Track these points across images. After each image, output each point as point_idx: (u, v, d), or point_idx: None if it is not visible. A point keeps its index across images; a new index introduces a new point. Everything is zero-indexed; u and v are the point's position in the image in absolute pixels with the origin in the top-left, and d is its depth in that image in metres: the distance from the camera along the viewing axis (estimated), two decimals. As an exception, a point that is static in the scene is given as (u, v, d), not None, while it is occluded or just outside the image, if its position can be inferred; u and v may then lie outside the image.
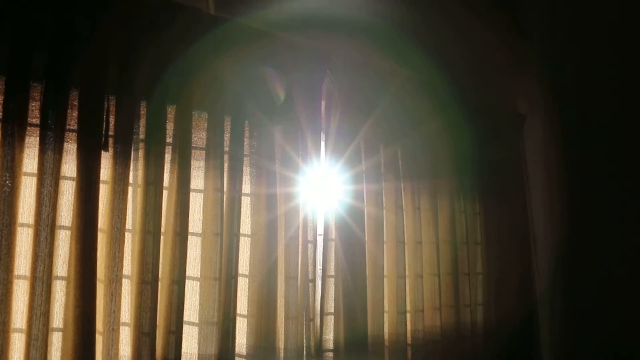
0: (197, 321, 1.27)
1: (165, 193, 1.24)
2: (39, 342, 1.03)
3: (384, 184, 1.68)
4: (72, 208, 1.11)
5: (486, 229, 2.01)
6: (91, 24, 1.15)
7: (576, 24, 2.18)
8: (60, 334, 1.09)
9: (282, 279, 1.40)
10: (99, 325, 1.12)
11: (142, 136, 1.22)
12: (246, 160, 1.40)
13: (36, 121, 1.09)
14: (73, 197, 1.11)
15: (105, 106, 1.17)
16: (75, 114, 1.14)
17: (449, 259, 1.84)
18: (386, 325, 1.62)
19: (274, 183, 1.41)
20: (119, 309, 1.14)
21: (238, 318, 1.32)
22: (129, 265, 1.19)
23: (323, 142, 1.57)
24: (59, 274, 1.10)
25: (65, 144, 1.11)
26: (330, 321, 1.50)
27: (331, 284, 1.52)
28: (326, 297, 1.50)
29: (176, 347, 1.20)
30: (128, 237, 1.19)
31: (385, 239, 1.65)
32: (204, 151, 1.33)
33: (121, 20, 1.19)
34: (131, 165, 1.20)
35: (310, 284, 1.46)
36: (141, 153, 1.22)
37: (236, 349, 1.31)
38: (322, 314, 1.48)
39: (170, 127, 1.27)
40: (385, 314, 1.62)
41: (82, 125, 1.13)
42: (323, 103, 1.58)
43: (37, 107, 1.10)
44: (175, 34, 1.26)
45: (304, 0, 1.59)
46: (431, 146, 1.85)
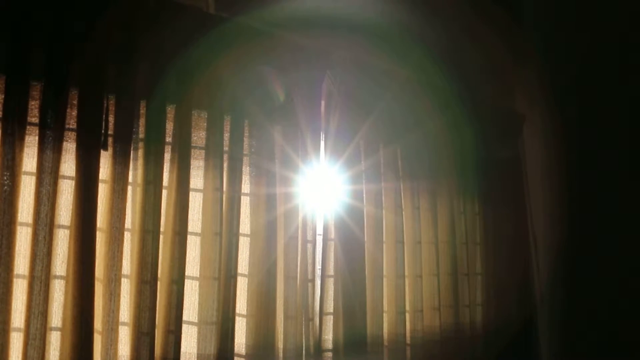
0: (196, 321, 1.27)
1: (164, 192, 1.24)
2: (37, 342, 1.03)
3: (383, 183, 1.68)
4: (71, 207, 1.11)
5: (485, 229, 2.01)
6: (91, 22, 1.14)
7: (577, 24, 2.18)
8: (59, 333, 1.08)
9: (282, 279, 1.40)
10: (98, 324, 1.12)
11: (141, 135, 1.22)
12: (246, 160, 1.40)
13: (35, 120, 1.09)
14: (72, 197, 1.11)
15: (105, 105, 1.17)
16: (74, 113, 1.13)
17: (449, 259, 1.84)
18: (385, 325, 1.62)
19: (273, 183, 1.41)
20: (117, 309, 1.14)
21: (237, 318, 1.32)
22: (128, 264, 1.19)
23: (323, 142, 1.57)
24: (57, 273, 1.09)
25: (65, 143, 1.11)
26: (329, 321, 1.50)
27: (330, 283, 1.52)
28: (325, 297, 1.50)
29: (175, 346, 1.20)
30: (127, 236, 1.19)
31: (384, 238, 1.65)
32: (203, 151, 1.33)
33: (121, 19, 1.19)
34: (130, 164, 1.20)
35: (310, 284, 1.46)
36: (140, 152, 1.22)
37: (235, 348, 1.31)
38: (321, 313, 1.48)
39: (169, 126, 1.27)
40: (384, 314, 1.62)
41: (82, 125, 1.13)
42: (323, 103, 1.58)
43: (37, 106, 1.09)
44: (174, 33, 1.26)
45: (304, 0, 1.59)
46: (431, 146, 1.85)
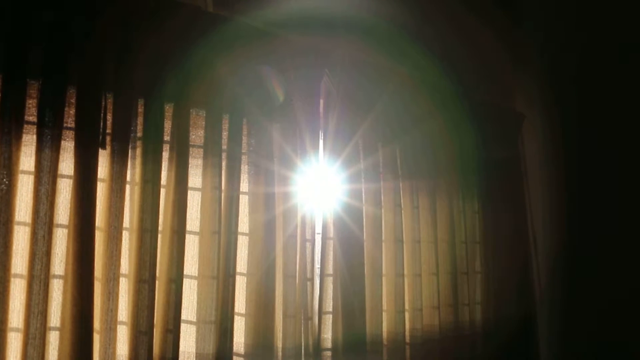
0: (194, 320, 1.27)
1: (163, 191, 1.23)
2: (36, 341, 1.03)
3: (382, 182, 1.67)
4: (69, 206, 1.10)
5: (485, 228, 2.01)
6: (89, 21, 1.14)
7: (576, 23, 2.18)
8: (58, 332, 1.08)
9: (280, 278, 1.40)
10: (97, 324, 1.12)
11: (139, 134, 1.22)
12: (244, 159, 1.40)
13: (33, 119, 1.09)
14: (70, 195, 1.10)
15: (103, 104, 1.16)
16: (72, 111, 1.13)
17: (448, 258, 1.84)
18: (384, 324, 1.62)
19: (272, 181, 1.41)
20: (116, 308, 1.14)
21: (236, 317, 1.32)
22: (126, 263, 1.19)
23: (321, 141, 1.57)
24: (56, 273, 1.09)
25: (63, 141, 1.11)
26: (328, 320, 1.50)
27: (329, 282, 1.52)
28: (324, 296, 1.50)
29: (174, 345, 1.19)
30: (125, 235, 1.19)
31: (383, 237, 1.65)
32: (202, 149, 1.33)
33: (119, 18, 1.19)
34: (129, 163, 1.19)
35: (309, 283, 1.46)
36: (139, 151, 1.21)
37: (234, 347, 1.31)
38: (321, 312, 1.48)
39: (168, 125, 1.27)
40: (383, 313, 1.62)
41: (80, 123, 1.12)
42: (321, 101, 1.57)
43: (34, 104, 1.09)
44: (173, 31, 1.26)
45: (303, -1, 1.59)
46: (430, 145, 1.84)
